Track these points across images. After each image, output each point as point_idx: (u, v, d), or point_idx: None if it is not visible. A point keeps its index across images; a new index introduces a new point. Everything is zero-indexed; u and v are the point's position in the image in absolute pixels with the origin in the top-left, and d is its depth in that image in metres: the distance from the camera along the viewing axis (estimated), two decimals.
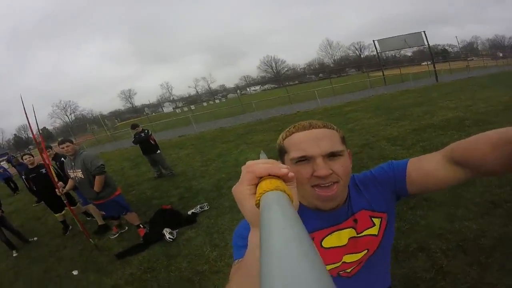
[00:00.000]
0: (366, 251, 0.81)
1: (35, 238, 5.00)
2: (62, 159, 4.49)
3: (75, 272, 3.55)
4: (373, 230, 0.81)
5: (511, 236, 2.47)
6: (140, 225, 4.05)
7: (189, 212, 4.39)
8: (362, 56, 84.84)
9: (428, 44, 20.21)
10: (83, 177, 3.63)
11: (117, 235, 4.25)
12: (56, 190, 3.82)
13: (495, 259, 2.27)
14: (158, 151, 6.84)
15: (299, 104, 19.53)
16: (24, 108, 3.71)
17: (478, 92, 10.45)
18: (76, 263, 3.81)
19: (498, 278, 2.07)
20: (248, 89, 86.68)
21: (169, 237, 3.73)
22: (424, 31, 19.76)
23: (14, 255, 4.53)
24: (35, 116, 3.85)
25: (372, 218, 0.81)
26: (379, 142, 6.11)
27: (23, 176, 5.03)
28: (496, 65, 31.25)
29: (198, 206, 4.52)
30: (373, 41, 22.26)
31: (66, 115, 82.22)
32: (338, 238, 0.80)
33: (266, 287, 0.19)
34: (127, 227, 4.37)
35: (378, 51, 22.46)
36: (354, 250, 0.81)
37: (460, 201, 3.18)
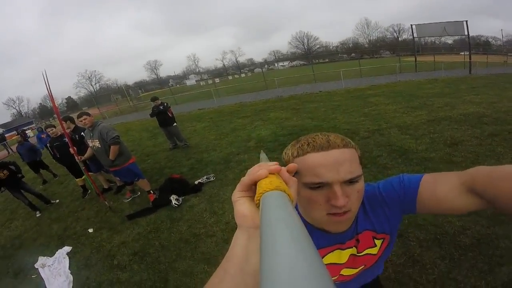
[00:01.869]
0: (363, 266, 0.83)
1: (57, 200, 5.53)
2: (82, 133, 4.82)
3: (90, 230, 4.03)
4: (373, 250, 0.81)
5: (490, 239, 2.49)
6: (151, 191, 4.43)
7: (196, 182, 4.73)
8: (399, 39, 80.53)
9: (468, 35, 18.61)
10: (100, 146, 4.00)
11: (130, 199, 4.68)
12: (76, 157, 4.24)
13: (467, 258, 2.31)
14: (174, 124, 7.18)
15: (324, 83, 19.20)
16: (47, 83, 3.96)
17: (508, 90, 9.75)
18: (92, 222, 4.29)
19: (465, 276, 2.12)
20: (276, 65, 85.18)
21: (175, 203, 4.09)
22: (466, 21, 18.18)
23: (37, 215, 5.06)
24: (48, 85, 3.99)
25: (374, 239, 0.80)
26: (390, 129, 6.08)
27: (47, 145, 5.56)
28: None
29: (205, 177, 4.84)
30: (411, 25, 20.99)
31: (91, 85, 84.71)
32: (339, 256, 0.79)
33: (267, 287, 0.19)
34: (139, 193, 4.79)
35: (415, 36, 21.29)
36: (352, 265, 0.82)
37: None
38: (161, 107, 7.00)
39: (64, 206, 5.32)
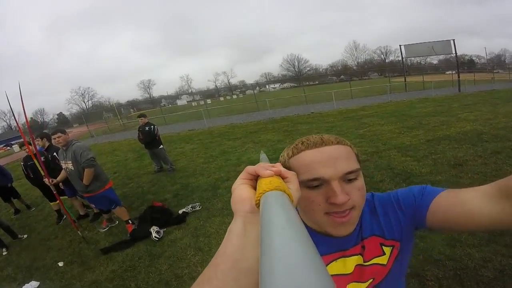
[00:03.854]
0: (372, 280, 0.71)
1: (25, 236, 4.70)
2: (55, 153, 4.38)
3: (60, 264, 3.53)
4: (382, 260, 0.71)
5: None
6: (129, 220, 3.95)
7: (180, 211, 4.27)
8: (386, 60, 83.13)
9: (456, 53, 19.24)
10: (73, 168, 3.55)
11: (106, 228, 4.18)
12: (45, 180, 3.76)
13: None
14: (161, 146, 6.69)
15: (315, 104, 19.14)
16: (21, 96, 3.61)
17: (500, 106, 9.87)
18: (64, 254, 3.80)
19: None
20: (267, 87, 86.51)
21: (155, 236, 3.61)
22: (453, 40, 18.79)
23: (4, 253, 4.21)
24: (22, 100, 3.60)
25: (383, 246, 0.71)
26: (389, 151, 5.80)
27: (22, 164, 5.03)
28: None
29: (190, 206, 4.38)
30: (400, 46, 21.45)
31: (84, 102, 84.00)
32: (344, 265, 0.70)
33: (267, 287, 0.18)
34: (117, 222, 4.30)
35: (404, 57, 21.74)
36: (360, 279, 0.70)
37: None
38: (147, 128, 6.51)
39: (36, 232, 4.79)
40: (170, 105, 71.69)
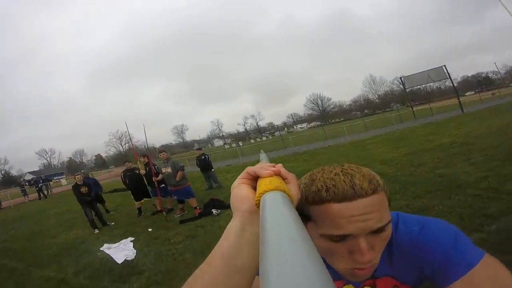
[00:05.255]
0: None
1: (113, 223, 7.15)
2: (147, 168, 7.01)
3: (150, 229, 5.88)
4: None
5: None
6: (197, 207, 6.39)
7: None
8: (407, 89, 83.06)
9: (450, 77, 20.66)
10: (170, 171, 6.19)
11: (179, 215, 6.55)
12: (153, 178, 6.48)
13: None
14: (213, 170, 9.70)
15: (334, 139, 21.29)
16: (144, 132, 6.70)
17: (488, 119, 11.17)
18: (150, 227, 6.11)
19: None
20: (295, 127, 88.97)
21: (215, 212, 6.01)
22: (444, 65, 20.48)
23: (95, 232, 6.58)
24: (145, 136, 6.68)
25: None
26: (373, 163, 7.67)
27: (121, 174, 7.78)
28: None
29: None
30: (400, 78, 23.50)
31: (121, 145, 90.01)
32: None
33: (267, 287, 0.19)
34: (187, 211, 6.68)
35: (406, 87, 23.32)
36: None
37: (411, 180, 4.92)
38: (203, 157, 9.60)
39: (120, 222, 7.16)
40: (203, 149, 76.21)
